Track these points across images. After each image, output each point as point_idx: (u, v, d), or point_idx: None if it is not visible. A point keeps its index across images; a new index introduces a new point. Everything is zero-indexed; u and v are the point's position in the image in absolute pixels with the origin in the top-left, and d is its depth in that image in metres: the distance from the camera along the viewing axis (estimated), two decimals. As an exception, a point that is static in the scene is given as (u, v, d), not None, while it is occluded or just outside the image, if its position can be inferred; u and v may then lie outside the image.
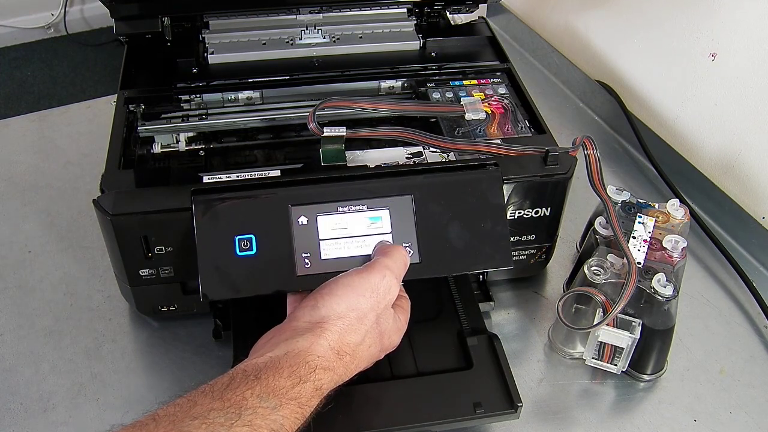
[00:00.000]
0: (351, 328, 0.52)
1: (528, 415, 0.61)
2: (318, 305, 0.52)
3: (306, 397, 0.48)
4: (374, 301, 0.53)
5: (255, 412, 0.45)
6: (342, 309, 0.52)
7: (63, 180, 0.85)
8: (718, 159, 0.84)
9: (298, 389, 0.48)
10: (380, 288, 0.54)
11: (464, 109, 0.70)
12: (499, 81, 0.76)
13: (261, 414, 0.45)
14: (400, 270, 0.56)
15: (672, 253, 0.63)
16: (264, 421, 0.45)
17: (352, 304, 0.52)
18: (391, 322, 0.56)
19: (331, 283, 0.54)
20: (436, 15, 0.87)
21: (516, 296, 0.72)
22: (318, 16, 0.83)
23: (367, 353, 0.54)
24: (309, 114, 0.64)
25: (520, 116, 0.71)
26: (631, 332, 0.59)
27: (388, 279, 0.54)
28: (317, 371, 0.49)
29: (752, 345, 0.69)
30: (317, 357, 0.50)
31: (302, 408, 0.48)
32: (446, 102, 0.72)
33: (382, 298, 0.54)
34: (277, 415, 0.46)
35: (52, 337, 0.67)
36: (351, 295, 0.53)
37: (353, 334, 0.52)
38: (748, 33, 0.76)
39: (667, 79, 0.90)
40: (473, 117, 0.70)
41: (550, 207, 0.65)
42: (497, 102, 0.72)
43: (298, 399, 0.48)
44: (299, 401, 0.48)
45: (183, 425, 0.43)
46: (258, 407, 0.45)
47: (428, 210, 0.59)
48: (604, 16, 1.00)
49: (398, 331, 0.57)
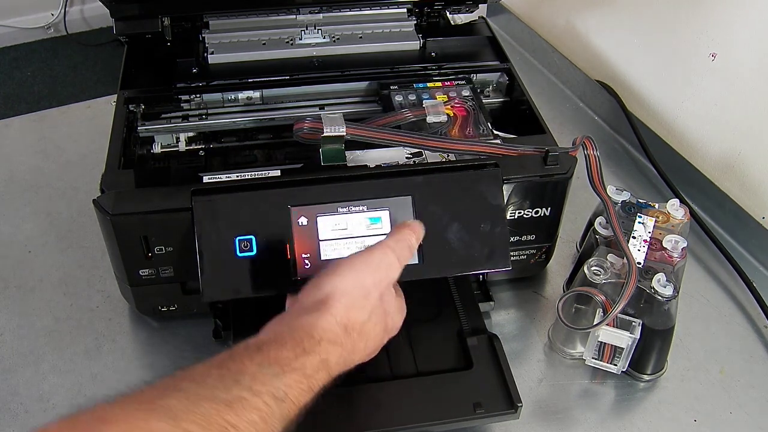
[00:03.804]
0: (356, 304, 0.51)
1: (528, 415, 0.61)
2: (321, 284, 0.51)
3: (311, 368, 0.46)
4: (377, 279, 0.52)
5: (254, 378, 0.43)
6: (346, 286, 0.51)
7: (63, 180, 0.85)
8: (718, 159, 0.84)
9: (302, 360, 0.46)
10: (381, 266, 0.53)
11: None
12: (463, 83, 0.76)
13: (261, 380, 0.44)
14: (402, 251, 0.55)
15: (672, 253, 0.63)
16: (265, 387, 0.43)
17: (356, 282, 0.52)
18: (393, 301, 0.55)
19: (334, 264, 0.53)
20: (436, 15, 0.87)
21: (516, 296, 0.72)
22: (318, 16, 0.83)
23: (374, 332, 0.53)
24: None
25: (482, 119, 0.70)
26: (631, 332, 0.59)
27: (390, 257, 0.53)
28: (323, 344, 0.48)
29: (752, 345, 0.69)
30: (323, 330, 0.48)
31: (308, 379, 0.46)
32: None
33: (384, 275, 0.53)
34: (279, 383, 0.44)
35: (52, 337, 0.67)
36: (354, 273, 0.52)
37: (359, 310, 0.51)
38: (748, 33, 0.76)
39: (667, 79, 0.90)
40: (434, 120, 0.69)
41: (550, 207, 0.65)
42: (460, 104, 0.72)
43: (303, 370, 0.46)
44: (304, 372, 0.46)
45: (179, 386, 0.42)
46: (258, 373, 0.44)
47: (428, 210, 0.59)
48: (604, 16, 1.00)
49: (400, 311, 0.57)
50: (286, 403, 0.44)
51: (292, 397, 0.45)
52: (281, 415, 0.44)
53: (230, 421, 0.41)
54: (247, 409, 0.42)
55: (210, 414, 0.40)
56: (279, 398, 0.43)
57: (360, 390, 0.58)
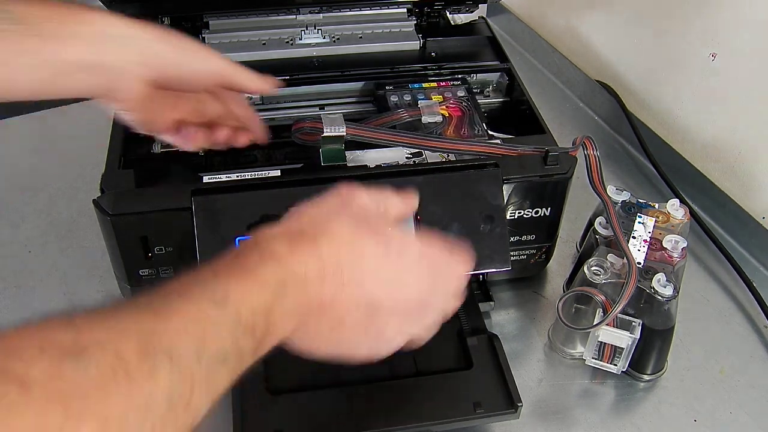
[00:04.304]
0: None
1: (528, 415, 0.61)
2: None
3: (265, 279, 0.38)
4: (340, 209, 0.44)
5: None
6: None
7: (63, 180, 0.85)
8: (718, 159, 0.84)
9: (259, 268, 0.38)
10: (340, 193, 0.45)
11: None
12: (458, 84, 0.76)
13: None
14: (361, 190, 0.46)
15: (672, 253, 0.63)
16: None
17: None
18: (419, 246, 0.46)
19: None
20: (436, 15, 0.87)
21: (516, 296, 0.72)
22: (318, 16, 0.83)
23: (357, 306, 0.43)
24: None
25: (477, 119, 0.70)
26: (631, 332, 0.59)
27: (345, 188, 0.46)
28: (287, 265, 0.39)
29: (752, 345, 0.69)
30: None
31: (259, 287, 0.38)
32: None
33: (348, 203, 0.45)
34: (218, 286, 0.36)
35: (52, 337, 0.67)
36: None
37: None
38: (748, 33, 0.76)
39: (667, 79, 0.90)
40: (429, 120, 0.70)
41: (550, 207, 0.65)
42: (455, 105, 0.72)
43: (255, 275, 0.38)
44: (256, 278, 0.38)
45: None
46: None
47: (428, 210, 0.59)
48: (604, 16, 1.00)
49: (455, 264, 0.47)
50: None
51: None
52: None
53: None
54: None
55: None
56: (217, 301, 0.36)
57: (360, 390, 0.58)
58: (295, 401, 0.57)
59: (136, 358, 0.30)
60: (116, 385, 0.29)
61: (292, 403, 0.57)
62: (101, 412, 0.28)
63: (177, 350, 0.32)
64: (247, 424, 0.55)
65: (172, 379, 0.31)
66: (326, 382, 0.59)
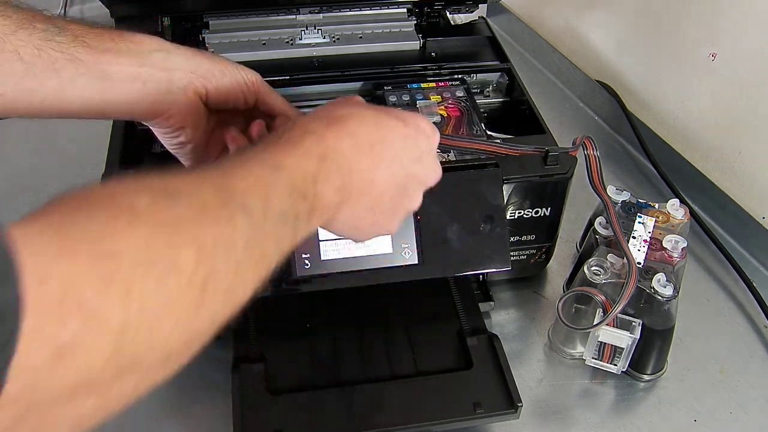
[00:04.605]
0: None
1: (528, 415, 0.61)
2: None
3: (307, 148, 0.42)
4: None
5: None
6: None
7: (63, 180, 0.85)
8: (718, 159, 0.84)
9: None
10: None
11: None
12: (457, 84, 0.76)
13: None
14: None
15: (672, 253, 0.63)
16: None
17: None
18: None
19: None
20: (436, 15, 0.87)
21: (516, 296, 0.72)
22: (318, 16, 0.83)
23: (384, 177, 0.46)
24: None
25: (475, 119, 0.70)
26: (631, 332, 0.59)
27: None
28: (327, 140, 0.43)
29: (752, 345, 0.69)
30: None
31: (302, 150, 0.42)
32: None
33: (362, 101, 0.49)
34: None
35: (52, 337, 0.67)
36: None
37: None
38: (749, 33, 0.76)
39: (667, 79, 0.90)
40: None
41: (550, 207, 0.65)
42: (453, 105, 0.72)
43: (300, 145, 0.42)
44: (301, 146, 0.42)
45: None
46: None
47: (428, 210, 0.59)
48: (604, 16, 1.00)
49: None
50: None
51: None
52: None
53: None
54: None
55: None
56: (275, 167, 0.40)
57: (360, 390, 0.58)
58: (295, 401, 0.57)
59: (217, 205, 0.35)
60: (205, 221, 0.34)
61: (292, 403, 0.57)
62: (196, 240, 0.32)
63: (248, 206, 0.36)
64: (247, 424, 0.55)
65: (246, 228, 0.36)
66: (326, 382, 0.59)
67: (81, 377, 0.28)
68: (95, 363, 0.28)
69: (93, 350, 0.28)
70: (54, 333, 0.26)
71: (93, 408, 0.30)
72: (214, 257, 0.33)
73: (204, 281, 0.32)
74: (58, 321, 0.26)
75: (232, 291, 0.36)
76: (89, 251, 0.28)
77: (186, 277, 0.31)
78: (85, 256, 0.28)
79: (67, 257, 0.27)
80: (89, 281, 0.27)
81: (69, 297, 0.27)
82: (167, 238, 0.31)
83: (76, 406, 0.29)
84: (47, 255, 0.27)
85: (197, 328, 0.34)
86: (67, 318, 0.26)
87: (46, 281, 0.26)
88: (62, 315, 0.26)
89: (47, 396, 0.27)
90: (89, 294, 0.27)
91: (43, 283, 0.26)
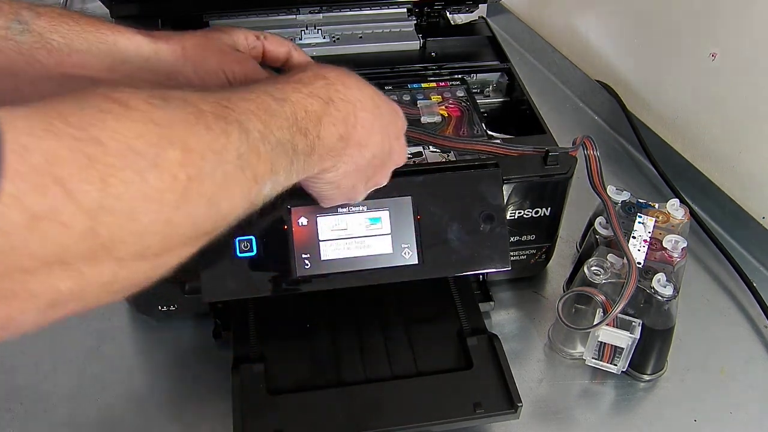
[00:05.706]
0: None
1: (528, 415, 0.61)
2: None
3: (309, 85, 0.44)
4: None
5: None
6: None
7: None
8: (718, 159, 0.84)
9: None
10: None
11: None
12: (458, 84, 0.76)
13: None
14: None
15: (672, 253, 0.63)
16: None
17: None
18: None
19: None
20: (436, 15, 0.87)
21: (516, 296, 0.72)
22: (318, 16, 0.83)
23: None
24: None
25: (476, 119, 0.70)
26: (631, 332, 0.59)
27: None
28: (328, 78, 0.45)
29: (752, 345, 0.69)
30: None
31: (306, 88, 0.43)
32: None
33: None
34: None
35: (52, 337, 0.67)
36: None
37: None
38: (749, 33, 0.76)
39: (667, 79, 0.90)
40: (428, 120, 0.69)
41: (550, 207, 0.65)
42: (454, 105, 0.72)
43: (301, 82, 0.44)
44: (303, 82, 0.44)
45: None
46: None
47: (428, 211, 0.59)
48: (604, 16, 1.00)
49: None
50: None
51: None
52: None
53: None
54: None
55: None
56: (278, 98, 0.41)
57: (360, 390, 0.58)
58: (295, 401, 0.57)
59: (213, 116, 0.35)
60: (197, 127, 0.34)
61: (292, 403, 0.57)
62: (185, 143, 0.33)
63: (246, 124, 0.37)
64: (247, 424, 0.55)
65: (240, 144, 0.36)
66: (326, 382, 0.59)
67: (54, 251, 0.29)
68: (68, 240, 0.29)
69: (66, 226, 0.29)
70: (30, 202, 0.27)
71: (70, 290, 0.31)
72: (201, 162, 0.34)
73: (187, 183, 0.33)
74: (34, 191, 0.28)
75: (216, 201, 0.36)
76: (74, 135, 0.29)
77: (169, 175, 0.32)
78: (69, 139, 0.29)
79: (52, 137, 0.29)
80: (70, 161, 0.29)
81: (48, 172, 0.28)
82: (155, 136, 0.32)
83: (51, 281, 0.30)
84: (32, 134, 0.28)
85: (175, 227, 0.34)
86: (44, 190, 0.28)
87: (27, 154, 0.27)
88: (39, 187, 0.28)
89: (21, 263, 0.28)
90: (67, 172, 0.28)
91: (25, 155, 0.27)
